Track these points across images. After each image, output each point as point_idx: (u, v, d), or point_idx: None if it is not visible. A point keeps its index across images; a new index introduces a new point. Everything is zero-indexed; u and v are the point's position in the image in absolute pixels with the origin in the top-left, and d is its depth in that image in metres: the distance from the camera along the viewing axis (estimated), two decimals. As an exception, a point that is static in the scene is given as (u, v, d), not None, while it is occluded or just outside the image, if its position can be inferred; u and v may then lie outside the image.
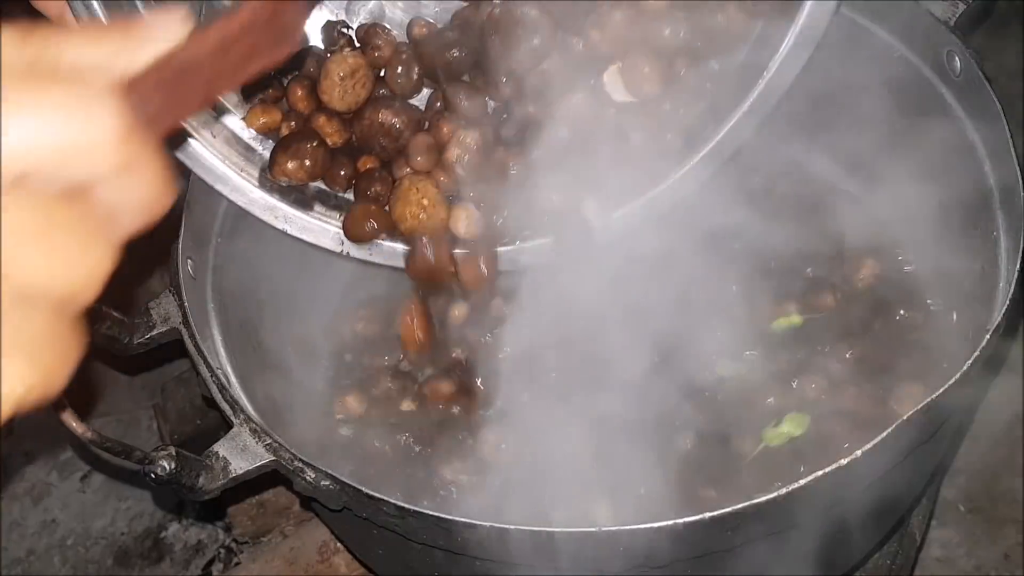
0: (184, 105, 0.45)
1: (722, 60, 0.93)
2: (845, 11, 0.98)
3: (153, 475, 0.77)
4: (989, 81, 0.91)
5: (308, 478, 0.79)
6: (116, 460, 0.83)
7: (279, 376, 1.02)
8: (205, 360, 0.86)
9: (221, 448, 0.80)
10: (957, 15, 0.95)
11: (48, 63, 0.42)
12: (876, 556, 1.03)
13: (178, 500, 1.41)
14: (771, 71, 0.92)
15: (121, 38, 0.44)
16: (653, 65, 0.91)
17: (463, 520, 0.74)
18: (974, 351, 0.77)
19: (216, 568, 1.37)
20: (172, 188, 0.44)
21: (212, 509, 1.33)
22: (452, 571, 0.83)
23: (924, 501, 1.07)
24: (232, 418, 0.82)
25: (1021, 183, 0.87)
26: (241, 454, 0.80)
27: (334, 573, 1.12)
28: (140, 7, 0.85)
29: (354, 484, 0.77)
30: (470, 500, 0.93)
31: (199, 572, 1.38)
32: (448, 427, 0.99)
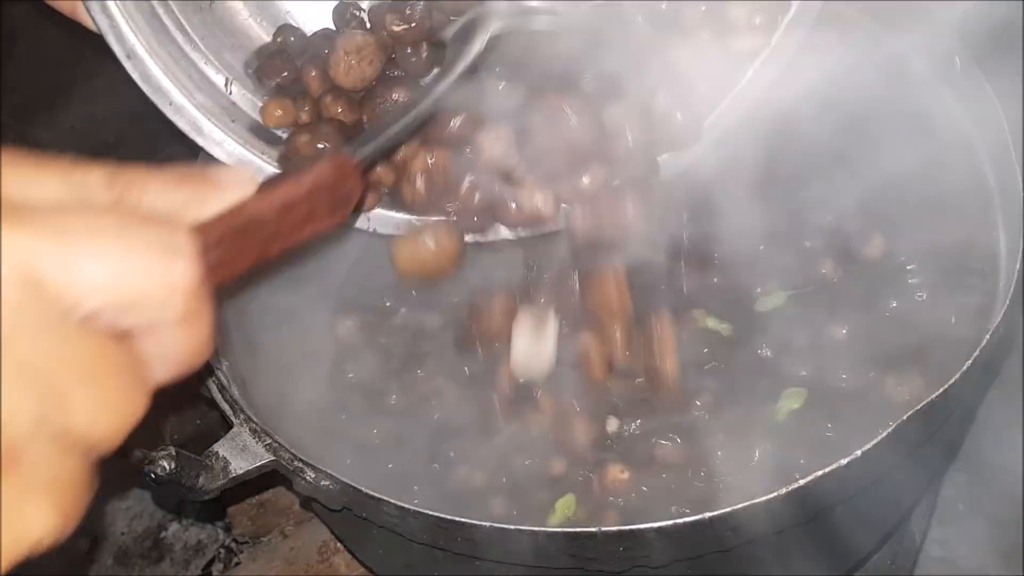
0: (241, 259, 0.45)
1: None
2: (845, 11, 0.98)
3: (153, 475, 0.77)
4: (989, 81, 0.91)
5: (308, 478, 0.79)
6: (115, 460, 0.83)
7: (279, 376, 1.02)
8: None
9: (221, 448, 0.80)
10: (958, 15, 0.95)
11: (132, 204, 0.41)
12: (876, 556, 1.03)
13: (178, 500, 1.41)
14: None
15: (199, 186, 0.44)
16: None
17: (463, 520, 0.74)
18: (974, 351, 0.78)
19: (216, 568, 1.36)
20: (213, 343, 0.42)
21: (212, 509, 1.33)
22: (452, 571, 0.83)
23: (924, 501, 1.07)
24: (232, 418, 0.83)
25: (1021, 183, 0.87)
26: (241, 454, 0.80)
27: (334, 573, 1.12)
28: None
29: (354, 484, 0.77)
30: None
31: (199, 572, 1.37)
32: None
